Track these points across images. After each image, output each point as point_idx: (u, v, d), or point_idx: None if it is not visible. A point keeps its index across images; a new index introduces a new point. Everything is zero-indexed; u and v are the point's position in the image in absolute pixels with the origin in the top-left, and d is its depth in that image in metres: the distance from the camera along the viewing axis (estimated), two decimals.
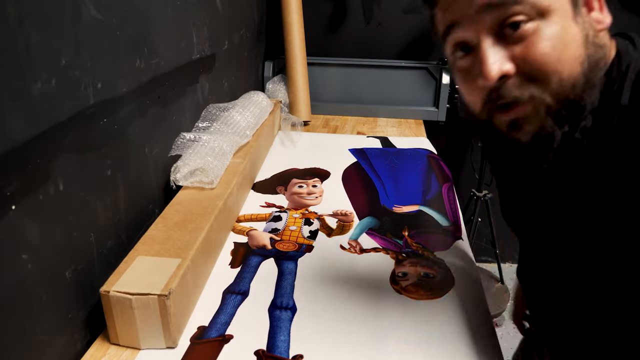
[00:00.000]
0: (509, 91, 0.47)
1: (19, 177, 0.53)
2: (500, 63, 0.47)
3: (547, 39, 0.45)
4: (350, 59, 1.65)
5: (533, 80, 0.46)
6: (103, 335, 0.67)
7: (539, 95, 0.46)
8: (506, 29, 0.46)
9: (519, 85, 0.47)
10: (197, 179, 0.91)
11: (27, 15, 0.53)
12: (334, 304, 0.74)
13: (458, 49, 0.51)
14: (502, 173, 0.68)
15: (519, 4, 0.45)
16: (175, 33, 0.94)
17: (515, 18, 0.45)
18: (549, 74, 0.46)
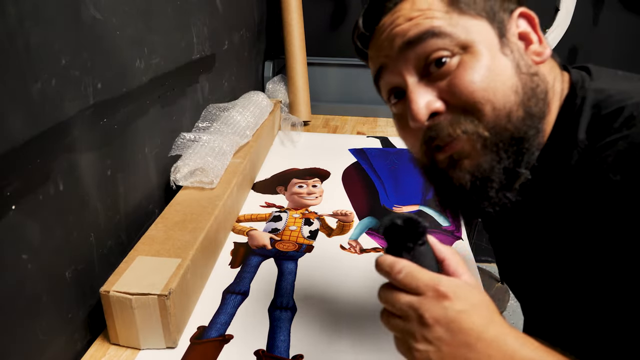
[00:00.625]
0: (441, 130, 0.46)
1: (19, 177, 0.53)
2: (428, 102, 0.46)
3: (473, 69, 0.44)
4: (350, 59, 1.64)
5: (465, 114, 0.45)
6: (103, 335, 0.67)
7: (473, 129, 0.45)
8: (431, 66, 0.46)
9: (450, 122, 0.46)
10: (197, 179, 0.91)
11: (27, 15, 0.53)
12: (334, 304, 0.74)
13: (392, 95, 0.51)
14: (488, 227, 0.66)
15: (438, 37, 0.45)
16: (175, 33, 0.94)
17: (437, 54, 0.45)
18: (480, 103, 0.44)
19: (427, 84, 0.47)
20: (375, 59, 0.51)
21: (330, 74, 1.64)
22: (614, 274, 0.41)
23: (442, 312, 0.38)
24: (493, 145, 0.45)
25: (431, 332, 0.38)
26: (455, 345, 0.38)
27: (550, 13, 1.47)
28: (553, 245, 0.49)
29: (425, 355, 0.38)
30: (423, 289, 0.39)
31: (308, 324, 0.70)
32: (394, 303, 0.40)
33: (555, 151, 0.47)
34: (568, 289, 0.48)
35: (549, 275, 0.51)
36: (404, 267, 0.40)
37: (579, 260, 0.45)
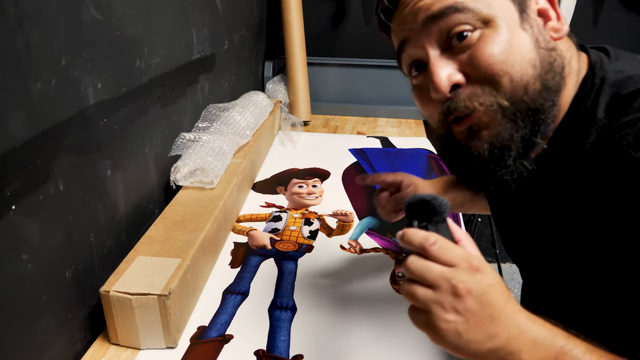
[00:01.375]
0: (458, 102, 0.47)
1: (19, 177, 0.53)
2: (449, 74, 0.47)
3: (494, 42, 0.45)
4: (350, 59, 1.65)
5: (483, 85, 0.46)
6: (103, 335, 0.67)
7: (491, 100, 0.46)
8: (453, 40, 0.47)
9: (469, 96, 0.47)
10: (197, 179, 0.91)
11: (27, 15, 0.53)
12: (334, 304, 0.74)
13: (412, 68, 0.52)
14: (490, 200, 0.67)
15: (460, 12, 0.46)
16: (175, 33, 0.94)
17: (460, 28, 0.46)
18: (498, 75, 0.45)
19: (448, 57, 0.48)
20: (399, 32, 0.52)
21: (330, 74, 1.64)
22: (630, 249, 0.42)
23: (475, 284, 0.39)
24: (511, 114, 0.46)
25: (463, 302, 0.39)
26: (482, 317, 0.39)
27: None
28: (563, 220, 0.49)
29: (454, 325, 0.39)
30: (457, 261, 0.40)
31: (308, 324, 0.70)
32: (426, 273, 0.40)
33: (572, 128, 0.47)
34: (575, 263, 0.49)
35: (554, 248, 0.52)
36: (437, 239, 0.41)
37: (592, 235, 0.45)
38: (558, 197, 0.50)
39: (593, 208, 0.45)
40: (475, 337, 0.39)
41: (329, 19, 1.75)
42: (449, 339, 0.39)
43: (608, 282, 0.46)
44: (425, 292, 0.40)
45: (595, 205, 0.45)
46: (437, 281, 0.40)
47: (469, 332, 0.39)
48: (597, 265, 0.46)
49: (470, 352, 0.39)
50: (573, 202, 0.48)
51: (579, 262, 0.49)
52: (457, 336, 0.39)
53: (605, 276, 0.46)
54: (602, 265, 0.46)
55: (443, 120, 0.50)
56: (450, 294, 0.39)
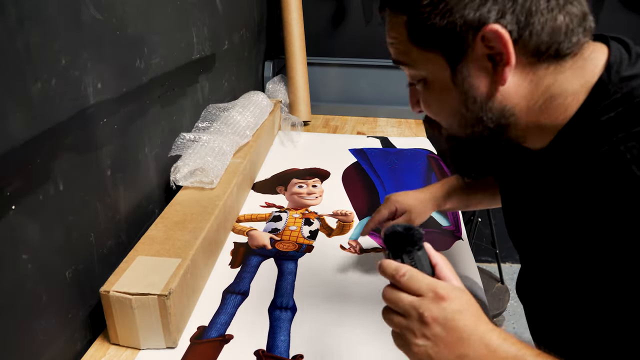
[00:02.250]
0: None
1: (19, 177, 0.53)
2: (413, 104, 0.56)
3: (428, 97, 0.53)
4: (350, 59, 1.65)
5: None
6: (103, 335, 0.67)
7: None
8: None
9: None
10: (197, 179, 0.91)
11: (27, 15, 0.53)
12: (334, 304, 0.74)
13: None
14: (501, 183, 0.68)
15: (404, 66, 0.52)
16: (175, 33, 0.94)
17: (408, 78, 0.54)
18: (435, 119, 0.54)
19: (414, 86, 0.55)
20: None
21: (330, 74, 1.64)
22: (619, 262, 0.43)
23: (440, 312, 0.43)
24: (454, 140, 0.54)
25: (430, 329, 0.43)
26: (450, 341, 0.42)
27: None
28: (562, 217, 0.50)
29: (424, 349, 0.43)
30: (424, 291, 0.44)
31: (308, 324, 0.70)
32: (397, 302, 0.45)
33: (577, 131, 0.47)
34: (568, 260, 0.50)
35: (552, 241, 0.53)
36: (407, 271, 0.45)
37: (586, 239, 0.47)
38: (561, 195, 0.50)
39: (589, 215, 0.46)
40: (447, 359, 0.43)
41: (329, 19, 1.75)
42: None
43: (596, 288, 0.47)
44: (399, 319, 0.45)
45: (591, 213, 0.45)
46: (406, 310, 0.44)
47: (439, 354, 0.43)
48: (585, 269, 0.47)
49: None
50: (573, 202, 0.48)
51: (571, 259, 0.50)
52: (429, 358, 0.43)
53: (592, 283, 0.47)
54: (589, 270, 0.47)
55: None
56: (417, 321, 0.43)
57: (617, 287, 0.44)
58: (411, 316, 0.44)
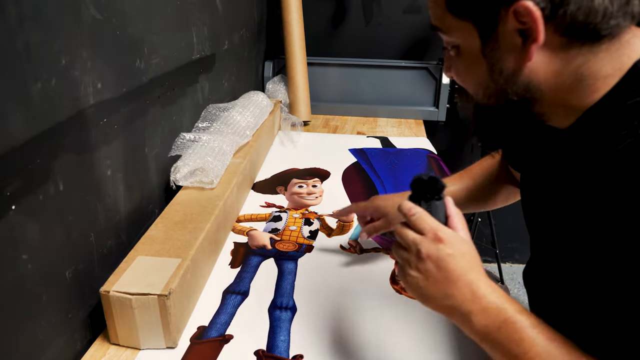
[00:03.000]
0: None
1: (19, 177, 0.53)
2: (447, 68, 0.56)
3: (458, 64, 0.54)
4: (350, 59, 1.65)
5: None
6: (103, 335, 0.67)
7: None
8: None
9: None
10: (197, 179, 0.91)
11: (27, 15, 0.53)
12: (334, 304, 0.74)
13: None
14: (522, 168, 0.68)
15: (439, 31, 0.53)
16: (175, 33, 0.94)
17: (444, 43, 0.55)
18: (463, 86, 0.56)
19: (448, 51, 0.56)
20: None
21: (330, 74, 1.64)
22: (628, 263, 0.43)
23: (434, 252, 0.48)
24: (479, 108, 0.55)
25: (423, 264, 0.49)
26: (438, 279, 0.48)
27: None
28: (577, 204, 0.50)
29: (415, 280, 0.49)
30: (426, 231, 0.49)
31: (308, 324, 0.70)
32: (402, 236, 0.51)
33: (602, 113, 0.47)
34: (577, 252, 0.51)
35: (565, 227, 0.53)
36: (417, 212, 0.51)
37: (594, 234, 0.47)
38: (578, 178, 0.50)
39: (603, 200, 0.45)
40: (434, 294, 0.49)
41: (329, 19, 1.75)
42: (412, 289, 0.50)
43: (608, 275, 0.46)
44: (401, 251, 0.51)
45: (605, 197, 0.45)
46: (408, 244, 0.50)
47: (427, 288, 0.49)
48: (595, 257, 0.47)
49: (433, 305, 0.50)
50: (588, 186, 0.48)
51: (581, 247, 0.50)
52: (419, 289, 0.49)
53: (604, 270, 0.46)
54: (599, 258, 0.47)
55: None
56: (414, 255, 0.49)
57: (629, 274, 0.43)
58: (411, 250, 0.50)
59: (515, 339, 0.45)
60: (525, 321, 0.46)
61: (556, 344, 0.45)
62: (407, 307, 0.74)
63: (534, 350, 0.44)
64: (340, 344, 0.67)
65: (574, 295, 0.52)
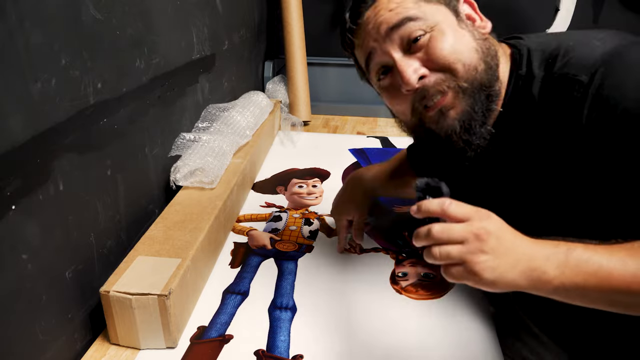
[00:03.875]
0: (430, 87, 0.59)
1: (19, 177, 0.53)
2: (415, 69, 0.59)
3: (443, 40, 0.58)
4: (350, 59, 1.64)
5: (444, 72, 0.58)
6: (103, 335, 0.67)
7: (454, 83, 0.58)
8: (411, 44, 0.59)
9: (436, 82, 0.58)
10: (197, 179, 0.91)
11: (27, 15, 0.53)
12: (334, 304, 0.74)
13: (380, 74, 0.64)
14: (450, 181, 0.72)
15: (414, 21, 0.59)
16: (175, 33, 0.94)
17: (415, 34, 0.59)
18: (453, 63, 0.58)
19: (409, 57, 0.60)
20: (365, 46, 0.64)
21: (330, 74, 1.64)
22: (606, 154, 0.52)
23: (491, 226, 0.48)
24: (470, 92, 0.58)
25: (487, 244, 0.47)
26: (503, 250, 0.47)
27: (550, 13, 1.46)
28: (530, 162, 0.60)
29: (487, 264, 0.47)
30: (471, 214, 0.48)
31: (308, 324, 0.70)
32: (452, 233, 0.48)
33: (517, 92, 0.60)
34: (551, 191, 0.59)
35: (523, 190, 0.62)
36: (451, 201, 0.49)
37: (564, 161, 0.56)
38: (520, 147, 0.61)
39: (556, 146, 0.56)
40: (505, 267, 0.47)
41: (329, 19, 1.75)
42: (487, 276, 0.47)
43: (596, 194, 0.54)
44: (457, 248, 0.47)
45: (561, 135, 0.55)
46: (462, 236, 0.47)
47: (500, 265, 0.47)
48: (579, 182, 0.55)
49: (506, 281, 0.47)
50: (535, 146, 0.59)
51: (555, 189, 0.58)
52: (493, 271, 0.46)
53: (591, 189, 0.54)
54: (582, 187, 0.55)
55: (417, 108, 0.61)
56: (475, 241, 0.47)
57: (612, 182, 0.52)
58: (468, 239, 0.47)
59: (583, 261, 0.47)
60: (577, 249, 0.47)
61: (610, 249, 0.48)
62: (407, 307, 0.74)
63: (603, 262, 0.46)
64: (340, 344, 0.67)
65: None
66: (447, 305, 0.74)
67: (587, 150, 0.53)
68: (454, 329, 0.69)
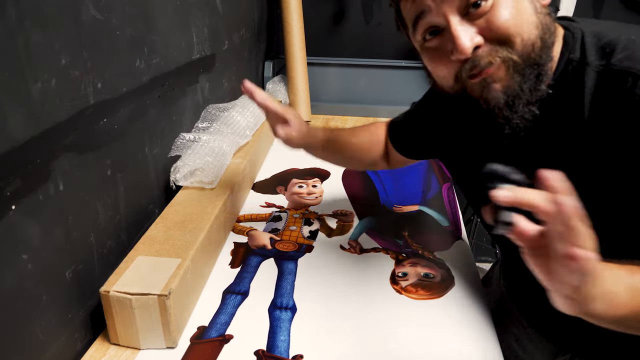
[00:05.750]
0: (481, 58, 0.55)
1: (19, 177, 0.53)
2: (471, 37, 0.55)
3: (505, 8, 0.54)
4: (350, 59, 1.65)
5: (500, 45, 0.55)
6: (103, 335, 0.67)
7: (507, 56, 0.55)
8: (470, 8, 0.55)
9: (489, 52, 0.55)
10: (197, 179, 0.91)
11: (27, 15, 0.53)
12: (334, 304, 0.74)
13: (427, 33, 0.59)
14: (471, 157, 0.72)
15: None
16: (175, 33, 0.94)
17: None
18: (513, 35, 0.54)
19: (467, 23, 0.55)
20: (419, 2, 0.58)
21: (330, 74, 1.64)
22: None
23: None
24: (521, 69, 0.55)
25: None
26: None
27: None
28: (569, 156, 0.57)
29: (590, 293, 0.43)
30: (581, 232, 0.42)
31: (308, 324, 0.70)
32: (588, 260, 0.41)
33: (568, 74, 0.57)
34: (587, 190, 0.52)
35: None
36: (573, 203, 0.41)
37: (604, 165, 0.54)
38: (563, 136, 0.58)
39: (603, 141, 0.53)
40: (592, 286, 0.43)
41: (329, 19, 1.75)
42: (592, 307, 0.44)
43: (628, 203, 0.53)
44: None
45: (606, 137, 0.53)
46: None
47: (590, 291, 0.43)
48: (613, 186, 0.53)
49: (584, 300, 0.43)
50: (580, 137, 0.56)
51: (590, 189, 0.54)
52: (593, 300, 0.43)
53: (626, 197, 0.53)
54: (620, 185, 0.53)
55: (462, 76, 0.57)
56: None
57: None
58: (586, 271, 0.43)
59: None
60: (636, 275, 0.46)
61: None
62: (407, 307, 0.74)
63: None
64: (340, 344, 0.67)
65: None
66: (447, 305, 0.74)
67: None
68: (454, 329, 0.69)
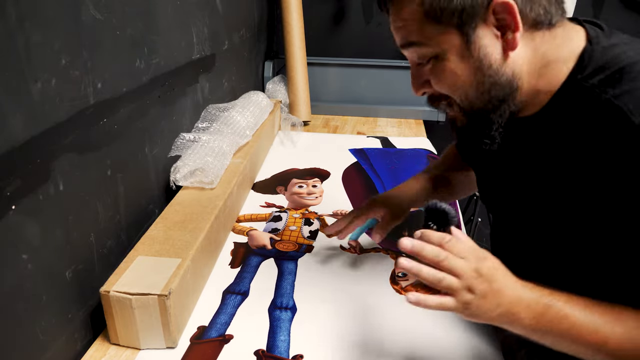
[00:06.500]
0: (431, 99, 0.60)
1: (19, 177, 0.53)
2: (418, 87, 0.59)
3: (441, 73, 0.55)
4: (350, 59, 1.65)
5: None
6: (103, 335, 0.67)
7: (454, 100, 0.57)
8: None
9: (438, 96, 0.58)
10: (197, 179, 0.91)
11: (27, 15, 0.53)
12: (334, 304, 0.74)
13: None
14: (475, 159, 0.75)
15: (416, 46, 0.55)
16: (175, 33, 0.94)
17: (417, 60, 0.57)
18: (451, 94, 0.57)
19: (422, 68, 0.57)
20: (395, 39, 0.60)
21: (330, 74, 1.64)
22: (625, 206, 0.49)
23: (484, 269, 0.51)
24: (468, 113, 0.58)
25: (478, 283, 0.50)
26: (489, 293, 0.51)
27: None
28: (549, 175, 0.58)
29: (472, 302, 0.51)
30: (467, 253, 0.52)
31: (308, 324, 0.70)
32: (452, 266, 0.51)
33: (569, 93, 0.54)
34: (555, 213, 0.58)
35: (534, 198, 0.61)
36: (450, 237, 0.52)
37: (582, 190, 0.54)
38: (548, 155, 0.57)
39: (586, 166, 0.52)
40: (488, 307, 0.51)
41: (329, 19, 1.75)
42: (470, 312, 0.51)
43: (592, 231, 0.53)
44: (453, 279, 0.51)
45: (588, 163, 0.52)
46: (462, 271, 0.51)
47: (483, 305, 0.51)
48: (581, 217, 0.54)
49: (485, 318, 0.52)
50: (564, 159, 0.55)
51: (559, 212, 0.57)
52: (476, 309, 0.51)
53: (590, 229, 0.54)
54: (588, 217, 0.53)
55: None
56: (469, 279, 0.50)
57: (619, 229, 0.51)
58: (464, 275, 0.50)
59: (559, 317, 0.51)
60: (559, 302, 0.51)
61: (590, 310, 0.51)
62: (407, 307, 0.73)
63: (577, 322, 0.50)
64: (340, 344, 0.67)
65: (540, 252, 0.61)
66: None
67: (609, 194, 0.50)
68: (454, 329, 0.69)
